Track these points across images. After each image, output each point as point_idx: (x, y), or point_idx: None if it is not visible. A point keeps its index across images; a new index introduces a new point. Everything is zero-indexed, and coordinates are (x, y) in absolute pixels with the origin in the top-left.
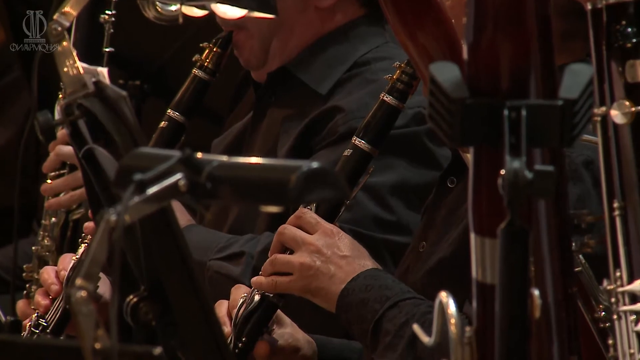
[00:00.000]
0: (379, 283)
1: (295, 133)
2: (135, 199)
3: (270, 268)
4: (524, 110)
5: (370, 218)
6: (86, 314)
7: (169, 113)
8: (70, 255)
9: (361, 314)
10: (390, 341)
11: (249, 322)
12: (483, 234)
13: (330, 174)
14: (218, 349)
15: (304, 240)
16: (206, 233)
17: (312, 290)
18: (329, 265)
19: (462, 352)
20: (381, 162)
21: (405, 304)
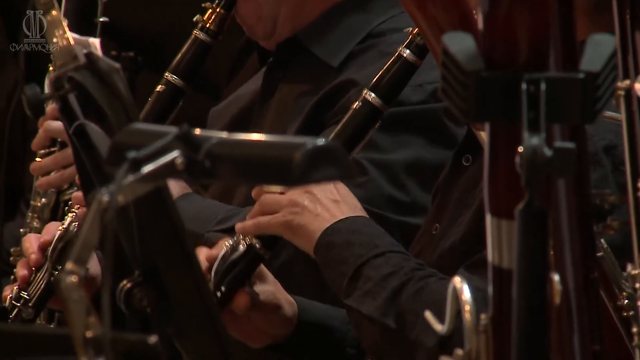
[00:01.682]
0: (368, 230)
1: (306, 109)
2: (129, 178)
3: (257, 208)
4: (543, 83)
5: (384, 197)
6: (77, 300)
7: (167, 77)
8: (57, 224)
9: (343, 256)
10: (371, 289)
11: (230, 272)
12: (499, 216)
13: (336, 152)
14: (217, 337)
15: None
16: (204, 203)
17: (294, 227)
18: (316, 205)
19: (477, 341)
20: (397, 139)
21: (393, 256)
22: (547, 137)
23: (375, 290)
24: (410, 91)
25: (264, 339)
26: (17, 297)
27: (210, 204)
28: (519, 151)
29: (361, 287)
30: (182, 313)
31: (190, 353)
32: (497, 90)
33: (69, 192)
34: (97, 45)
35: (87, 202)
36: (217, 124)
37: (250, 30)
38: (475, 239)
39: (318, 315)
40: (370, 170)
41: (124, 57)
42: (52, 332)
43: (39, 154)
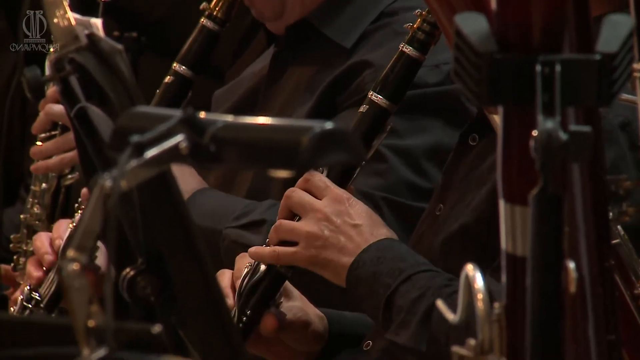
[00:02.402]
0: (391, 255)
1: (318, 91)
2: (133, 163)
3: (274, 235)
4: (558, 65)
5: (404, 184)
6: (79, 288)
7: (175, 67)
8: (67, 221)
9: (372, 289)
10: (403, 318)
11: (254, 294)
12: (513, 201)
13: (345, 136)
14: (222, 327)
15: (312, 206)
16: (221, 198)
17: (320, 262)
18: (338, 236)
19: (490, 330)
20: (415, 123)
21: (418, 278)
22: (562, 121)
23: (407, 318)
24: (426, 72)
25: (298, 357)
26: (28, 298)
27: (227, 199)
28: (533, 135)
29: (395, 319)
30: (187, 301)
31: (195, 342)
32: (510, 73)
33: (70, 177)
34: (99, 26)
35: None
36: (222, 107)
37: (259, 12)
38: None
39: (349, 325)
40: (389, 157)
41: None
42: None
43: (39, 138)
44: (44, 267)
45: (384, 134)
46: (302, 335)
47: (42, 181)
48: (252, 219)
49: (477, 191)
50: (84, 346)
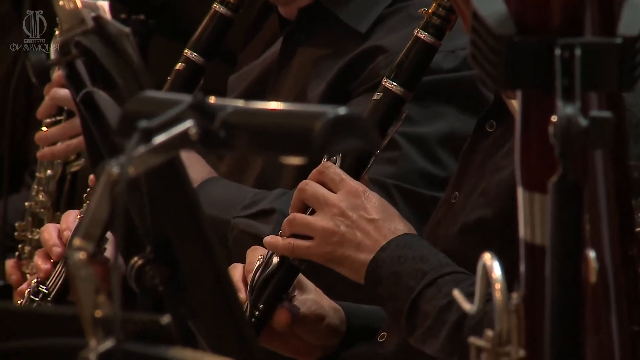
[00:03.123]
0: (412, 254)
1: (330, 75)
2: (141, 149)
3: (288, 229)
4: (578, 49)
5: (418, 173)
6: (85, 278)
7: (187, 54)
8: (75, 212)
9: (394, 291)
10: (431, 326)
11: (266, 287)
12: (532, 189)
13: (359, 122)
14: (232, 317)
15: (326, 200)
16: (230, 187)
17: (337, 259)
18: (355, 231)
19: (508, 321)
20: (429, 110)
21: (444, 282)
22: (583, 106)
23: (435, 327)
24: (442, 58)
25: (314, 352)
26: (35, 292)
27: (236, 188)
28: (553, 121)
29: (421, 325)
30: (197, 292)
31: (205, 334)
32: (529, 56)
33: (76, 164)
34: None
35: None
36: (234, 92)
37: None
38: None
39: (367, 318)
40: (403, 145)
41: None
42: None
43: (44, 123)
44: (52, 260)
45: (399, 121)
46: (317, 329)
47: (47, 168)
48: (262, 207)
49: (492, 179)
50: (90, 337)
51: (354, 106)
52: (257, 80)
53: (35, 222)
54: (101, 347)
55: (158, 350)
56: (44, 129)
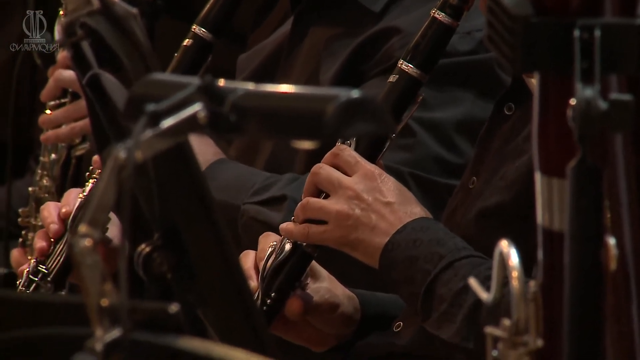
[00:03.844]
0: (428, 237)
1: (343, 57)
2: (148, 133)
3: (302, 213)
4: (597, 30)
5: (433, 159)
6: (91, 265)
7: (194, 30)
8: (77, 190)
9: (409, 275)
10: (446, 310)
11: (279, 275)
12: (550, 174)
13: (373, 105)
14: (243, 305)
15: (340, 182)
16: (239, 170)
17: (351, 242)
18: (370, 214)
19: (526, 310)
20: (445, 95)
21: (461, 265)
22: (602, 89)
23: (450, 311)
24: (458, 40)
25: (327, 341)
26: (34, 271)
27: (246, 171)
28: (571, 104)
29: (436, 309)
30: (206, 279)
31: (215, 323)
32: (547, 38)
33: (81, 147)
34: None
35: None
36: (244, 73)
37: None
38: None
39: (382, 306)
40: (418, 131)
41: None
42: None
43: (48, 106)
44: (52, 238)
45: (415, 105)
46: (330, 318)
47: (52, 152)
48: (272, 194)
49: (512, 164)
50: (96, 326)
51: (368, 88)
52: (267, 61)
53: (39, 207)
54: (108, 337)
55: (166, 340)
56: (48, 111)
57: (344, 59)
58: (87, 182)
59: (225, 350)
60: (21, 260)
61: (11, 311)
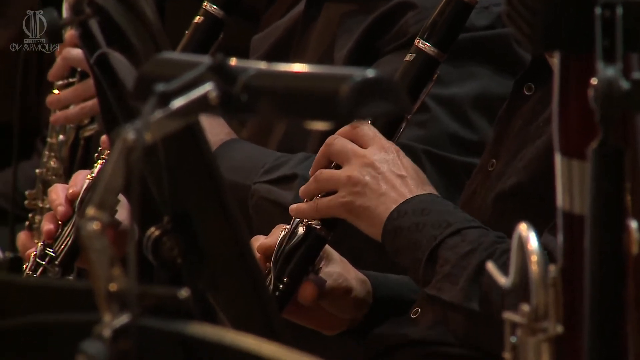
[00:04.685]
0: (438, 208)
1: (357, 32)
2: (158, 114)
3: (314, 186)
4: (619, 7)
5: (448, 136)
6: (99, 249)
7: (205, 6)
8: (85, 172)
9: (414, 239)
10: (450, 271)
11: (291, 259)
12: (570, 155)
13: (389, 84)
14: (255, 291)
15: (355, 152)
16: (251, 150)
17: (356, 209)
18: (380, 182)
19: (545, 295)
20: (461, 70)
21: (469, 232)
22: (624, 68)
23: (454, 272)
24: (475, 15)
25: (339, 325)
26: (42, 255)
27: (257, 151)
28: (593, 84)
29: (439, 271)
30: (217, 264)
31: (226, 309)
32: (568, 16)
33: (90, 128)
34: None
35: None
36: (257, 53)
37: None
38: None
39: (395, 288)
40: (432, 107)
41: None
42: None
43: (56, 86)
44: (59, 221)
45: (431, 83)
46: (343, 303)
47: (60, 133)
48: (283, 173)
49: (532, 146)
50: (105, 312)
51: (383, 65)
52: (280, 41)
53: (46, 190)
54: (116, 323)
55: (176, 326)
56: (56, 91)
57: (358, 36)
58: (96, 164)
59: (237, 337)
60: (28, 244)
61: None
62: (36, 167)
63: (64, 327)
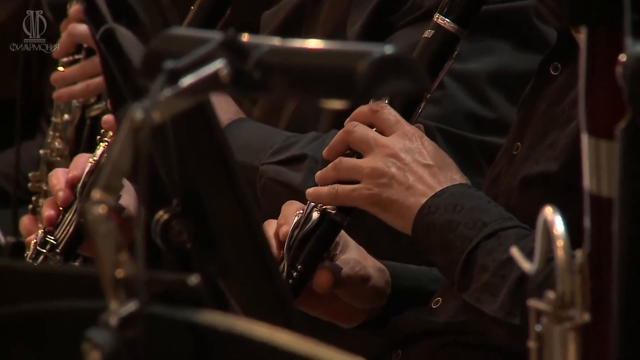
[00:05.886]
0: (470, 203)
1: (370, 6)
2: (167, 92)
3: (332, 174)
4: None
5: (464, 114)
6: (105, 234)
7: None
8: (87, 155)
9: (447, 240)
10: (489, 281)
11: (305, 245)
12: (598, 135)
13: (408, 62)
14: (268, 278)
15: (377, 141)
16: (259, 129)
17: (383, 202)
18: (406, 174)
19: (571, 282)
20: (478, 44)
21: (506, 235)
22: None
23: (493, 282)
24: None
25: (357, 316)
26: (42, 243)
27: (266, 131)
28: (621, 60)
29: (477, 279)
30: (228, 249)
31: (238, 295)
32: None
33: (96, 107)
34: None
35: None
36: (267, 29)
37: None
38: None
39: (414, 278)
40: (447, 83)
41: None
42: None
43: (61, 63)
44: (60, 207)
45: (451, 61)
46: (360, 291)
47: (65, 112)
48: (292, 153)
49: (560, 130)
50: (111, 299)
51: (397, 39)
52: (291, 16)
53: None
54: (123, 310)
55: (185, 314)
56: (61, 68)
57: (370, 10)
58: (98, 146)
59: (249, 325)
60: (31, 229)
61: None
62: (40, 148)
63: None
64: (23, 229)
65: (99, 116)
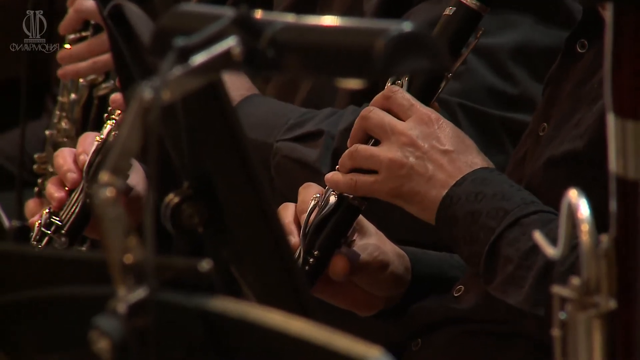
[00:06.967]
0: (492, 190)
1: None
2: (177, 71)
3: (349, 162)
4: None
5: (486, 90)
6: (114, 218)
7: None
8: (94, 134)
9: (471, 232)
10: (513, 272)
11: (322, 230)
12: (624, 115)
13: (427, 39)
14: (282, 263)
15: (393, 128)
16: (273, 105)
17: (404, 194)
18: (426, 163)
19: (597, 267)
20: (500, 18)
21: (529, 222)
22: None
23: (518, 274)
24: None
25: (375, 304)
26: (47, 224)
27: (280, 107)
28: None
29: (502, 271)
30: (241, 233)
31: (250, 282)
32: None
33: (104, 87)
34: None
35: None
36: (280, 5)
37: None
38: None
39: (434, 266)
40: (469, 58)
41: None
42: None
43: (67, 40)
44: (67, 188)
45: (475, 40)
46: (379, 278)
47: (72, 91)
48: (308, 129)
49: (587, 109)
50: (119, 285)
51: (415, 14)
52: None
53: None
54: (132, 297)
55: (196, 301)
56: (67, 46)
57: None
58: (105, 124)
59: (262, 313)
60: (37, 212)
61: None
62: (46, 128)
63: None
64: (28, 213)
65: (107, 95)
